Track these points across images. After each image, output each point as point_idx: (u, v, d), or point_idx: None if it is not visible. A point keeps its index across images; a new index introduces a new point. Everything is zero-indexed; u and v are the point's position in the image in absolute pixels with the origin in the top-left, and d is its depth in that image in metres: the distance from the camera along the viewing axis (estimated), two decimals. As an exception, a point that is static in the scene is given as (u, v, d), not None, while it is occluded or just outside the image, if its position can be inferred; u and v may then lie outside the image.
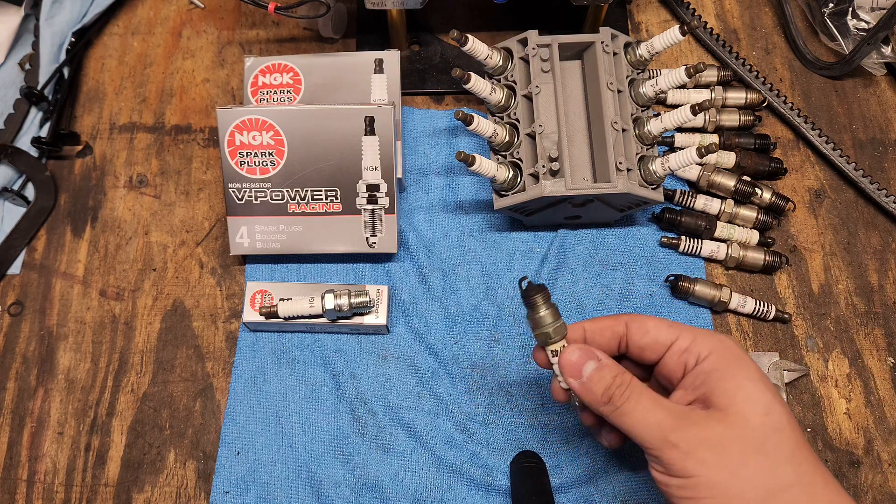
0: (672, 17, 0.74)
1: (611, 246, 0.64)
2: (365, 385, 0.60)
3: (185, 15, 0.76)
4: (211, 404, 0.60)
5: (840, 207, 0.66)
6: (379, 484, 0.57)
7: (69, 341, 0.63)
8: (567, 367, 0.42)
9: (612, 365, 0.42)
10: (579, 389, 0.42)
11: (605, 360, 0.42)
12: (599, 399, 0.41)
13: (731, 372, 0.39)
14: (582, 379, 0.42)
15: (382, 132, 0.60)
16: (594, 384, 0.41)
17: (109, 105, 0.72)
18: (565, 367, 0.42)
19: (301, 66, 0.65)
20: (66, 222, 0.67)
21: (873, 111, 0.70)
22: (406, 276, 0.64)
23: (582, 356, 0.42)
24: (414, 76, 0.71)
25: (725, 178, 0.63)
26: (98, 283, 0.65)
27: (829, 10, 0.69)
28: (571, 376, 0.42)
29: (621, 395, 0.40)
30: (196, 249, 0.66)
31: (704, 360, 0.41)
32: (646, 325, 0.43)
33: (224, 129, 0.61)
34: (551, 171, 0.56)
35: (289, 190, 0.61)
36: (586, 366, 0.42)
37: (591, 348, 0.43)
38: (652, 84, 0.58)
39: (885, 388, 0.59)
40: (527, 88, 0.59)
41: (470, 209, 0.66)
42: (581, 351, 0.42)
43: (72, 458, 0.59)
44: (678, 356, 0.42)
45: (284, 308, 0.59)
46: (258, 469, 0.58)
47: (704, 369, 0.40)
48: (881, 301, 0.62)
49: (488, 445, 0.58)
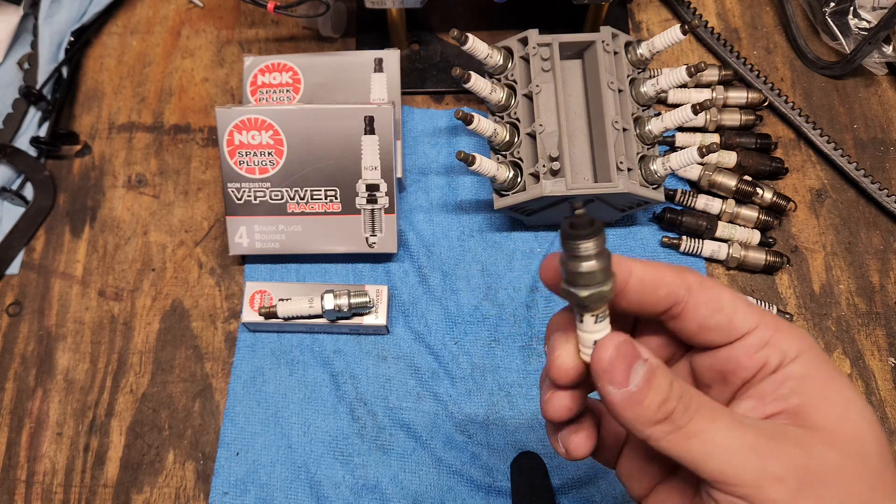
0: (673, 17, 0.74)
1: (611, 246, 0.64)
2: (364, 386, 0.60)
3: (185, 14, 0.76)
4: (210, 405, 0.60)
5: (841, 207, 0.66)
6: (378, 485, 0.56)
7: (68, 342, 0.63)
8: (607, 369, 0.29)
9: (664, 367, 0.29)
10: (621, 402, 0.29)
11: (654, 360, 0.29)
12: (653, 416, 0.28)
13: (832, 382, 0.30)
14: (629, 388, 0.29)
15: (382, 132, 0.60)
16: (647, 395, 0.28)
17: (108, 104, 0.72)
18: (604, 370, 0.29)
19: (300, 65, 0.65)
20: (64, 222, 0.67)
21: (874, 111, 0.69)
22: (406, 276, 0.63)
23: (627, 354, 0.29)
24: (414, 75, 0.70)
25: (726, 178, 0.63)
26: (97, 283, 0.65)
27: (830, 9, 0.69)
28: (613, 383, 0.29)
29: (685, 410, 0.28)
30: (195, 249, 0.66)
31: (793, 362, 0.30)
32: (720, 297, 0.31)
33: (223, 129, 0.61)
34: (552, 171, 0.56)
35: (288, 190, 0.61)
36: (635, 369, 0.29)
37: (632, 342, 0.29)
38: (653, 83, 0.58)
39: (887, 389, 0.59)
40: (527, 88, 0.58)
41: (470, 209, 0.66)
42: (625, 346, 0.29)
43: (71, 458, 0.59)
44: (755, 350, 0.30)
45: (284, 308, 0.58)
46: (257, 470, 0.57)
47: (795, 374, 0.30)
48: (882, 301, 0.62)
49: (488, 446, 0.58)
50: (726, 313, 0.30)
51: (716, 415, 0.28)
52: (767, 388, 0.30)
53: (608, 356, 0.29)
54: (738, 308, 0.30)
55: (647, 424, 0.29)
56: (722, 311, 0.30)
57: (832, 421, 0.29)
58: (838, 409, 0.29)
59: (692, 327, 0.31)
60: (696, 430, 0.28)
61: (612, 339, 0.29)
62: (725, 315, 0.30)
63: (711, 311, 0.31)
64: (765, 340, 0.30)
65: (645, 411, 0.28)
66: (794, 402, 0.29)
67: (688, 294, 0.31)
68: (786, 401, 0.30)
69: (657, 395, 0.28)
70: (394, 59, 0.65)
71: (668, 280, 0.31)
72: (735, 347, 0.31)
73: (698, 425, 0.28)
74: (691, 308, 0.31)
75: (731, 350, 0.31)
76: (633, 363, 0.29)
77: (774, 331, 0.30)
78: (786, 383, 0.30)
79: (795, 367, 0.30)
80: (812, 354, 0.30)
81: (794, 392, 0.30)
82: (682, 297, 0.31)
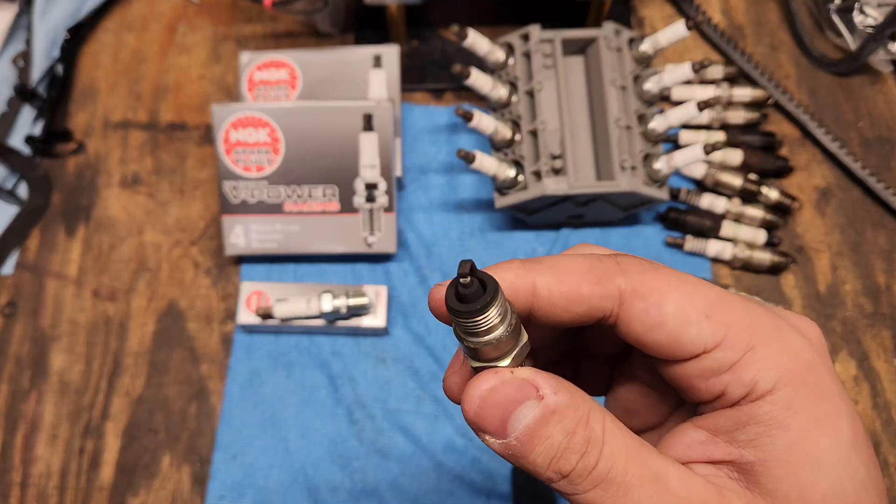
0: (676, 12, 0.73)
1: (615, 245, 0.63)
2: (363, 388, 0.59)
3: (180, 10, 0.75)
4: (206, 407, 0.59)
5: (847, 206, 0.65)
6: (377, 489, 0.56)
7: (63, 343, 0.62)
8: (476, 416, 0.23)
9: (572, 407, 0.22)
10: (503, 454, 0.23)
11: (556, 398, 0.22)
12: (543, 474, 0.22)
13: (808, 436, 0.22)
14: (508, 439, 0.22)
15: (381, 129, 0.59)
16: (531, 450, 0.22)
17: (103, 102, 0.71)
18: (472, 417, 0.23)
19: (298, 61, 0.64)
20: (59, 222, 0.66)
21: (880, 109, 0.68)
22: (405, 276, 0.62)
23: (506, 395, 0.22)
24: (413, 72, 0.69)
25: (731, 177, 0.62)
26: (92, 283, 0.64)
27: (835, 5, 0.68)
28: (487, 432, 0.23)
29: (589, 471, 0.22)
30: (191, 249, 0.65)
31: (764, 399, 0.22)
32: (661, 309, 0.23)
33: (219, 127, 0.60)
34: (554, 169, 0.55)
35: (285, 188, 0.60)
36: (519, 413, 0.22)
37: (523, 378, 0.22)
38: (656, 80, 0.57)
39: (893, 391, 0.58)
40: (529, 84, 0.57)
41: (471, 208, 0.65)
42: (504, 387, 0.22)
43: (66, 461, 0.58)
44: (712, 375, 0.23)
45: (281, 309, 0.58)
46: (254, 473, 0.57)
47: (761, 418, 0.22)
48: (888, 302, 0.61)
49: (489, 450, 0.57)
50: (668, 330, 0.23)
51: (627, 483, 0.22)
52: (723, 424, 0.23)
53: (474, 402, 0.22)
54: (689, 322, 0.23)
55: (544, 479, 0.22)
56: (663, 326, 0.23)
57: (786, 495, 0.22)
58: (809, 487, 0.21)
59: (630, 340, 0.24)
60: (598, 501, 0.22)
61: (488, 378, 0.22)
62: (667, 333, 0.23)
63: (647, 328, 0.23)
64: (726, 364, 0.23)
65: (532, 466, 0.22)
66: (749, 456, 0.22)
67: (618, 305, 0.24)
68: (740, 451, 0.23)
69: (546, 450, 0.22)
70: (393, 55, 0.64)
71: (585, 292, 0.23)
72: (687, 366, 0.24)
73: (601, 498, 0.22)
74: (623, 322, 0.24)
75: (683, 368, 0.24)
76: (515, 407, 0.22)
77: (745, 350, 0.23)
78: (747, 427, 0.22)
79: (764, 407, 0.22)
80: (795, 391, 0.22)
81: (752, 442, 0.22)
82: (609, 309, 0.24)
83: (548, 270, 0.23)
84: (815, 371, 0.22)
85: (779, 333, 0.23)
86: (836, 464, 0.22)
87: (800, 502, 0.21)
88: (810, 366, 0.22)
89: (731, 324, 0.23)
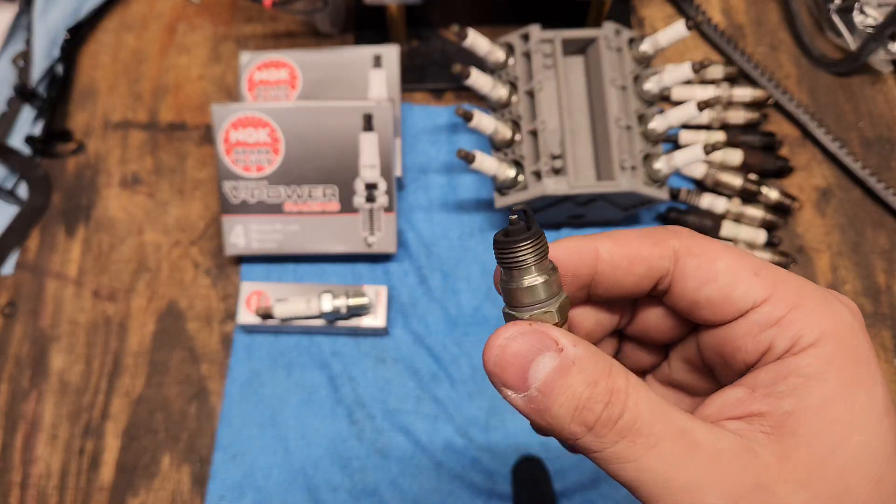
0: (676, 12, 0.73)
1: (614, 246, 0.63)
2: (363, 388, 0.59)
3: (180, 10, 0.75)
4: (206, 407, 0.59)
5: (847, 206, 0.65)
6: (377, 489, 0.56)
7: (62, 343, 0.62)
8: (495, 368, 0.23)
9: (591, 358, 0.22)
10: (524, 409, 0.23)
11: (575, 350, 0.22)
12: (566, 427, 0.22)
13: (846, 391, 0.22)
14: (528, 392, 0.22)
15: (381, 129, 0.59)
16: (553, 401, 0.22)
17: (103, 102, 0.71)
18: (491, 370, 0.23)
19: (298, 61, 0.64)
20: (59, 222, 0.66)
21: (881, 109, 0.68)
22: (405, 276, 0.62)
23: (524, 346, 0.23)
24: (413, 72, 0.69)
25: (731, 177, 0.62)
26: (91, 283, 0.64)
27: (835, 5, 0.68)
28: (507, 386, 0.23)
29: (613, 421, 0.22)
30: (191, 249, 0.65)
31: (806, 352, 0.23)
32: (713, 265, 0.24)
33: (219, 127, 0.60)
34: (554, 169, 0.55)
35: (285, 188, 0.60)
36: (537, 364, 0.22)
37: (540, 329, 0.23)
38: (656, 80, 0.57)
39: (892, 391, 0.58)
40: (529, 84, 0.57)
41: (471, 208, 0.65)
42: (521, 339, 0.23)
43: (66, 461, 0.58)
44: (759, 330, 0.24)
45: (281, 309, 0.58)
46: (254, 474, 0.57)
47: (803, 368, 0.22)
48: (888, 302, 0.61)
49: (490, 450, 0.57)
50: (720, 285, 0.24)
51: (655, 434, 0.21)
52: (763, 379, 0.23)
53: (494, 352, 0.23)
54: (740, 278, 0.24)
55: (565, 435, 0.22)
56: (715, 282, 0.24)
57: (823, 455, 0.21)
58: (838, 433, 0.21)
59: (683, 304, 0.25)
60: (625, 454, 0.21)
61: (507, 329, 0.23)
62: (719, 287, 0.24)
63: (700, 283, 0.24)
64: (774, 319, 0.23)
65: (555, 420, 0.22)
66: (786, 406, 0.22)
67: (673, 264, 0.25)
68: (777, 402, 0.22)
69: (568, 401, 0.22)
70: (393, 55, 0.64)
71: (644, 253, 0.25)
72: (735, 326, 0.24)
73: (628, 450, 0.21)
74: (678, 280, 0.25)
75: (731, 329, 0.24)
76: (533, 357, 0.22)
77: (792, 307, 0.23)
78: (787, 379, 0.23)
79: (806, 361, 0.22)
80: (836, 345, 0.22)
81: (791, 393, 0.22)
82: (666, 269, 0.25)
83: (607, 237, 0.25)
84: (856, 335, 0.23)
85: (823, 297, 0.24)
86: (870, 423, 0.22)
87: (830, 455, 0.21)
88: (852, 329, 0.23)
89: (778, 282, 0.24)
